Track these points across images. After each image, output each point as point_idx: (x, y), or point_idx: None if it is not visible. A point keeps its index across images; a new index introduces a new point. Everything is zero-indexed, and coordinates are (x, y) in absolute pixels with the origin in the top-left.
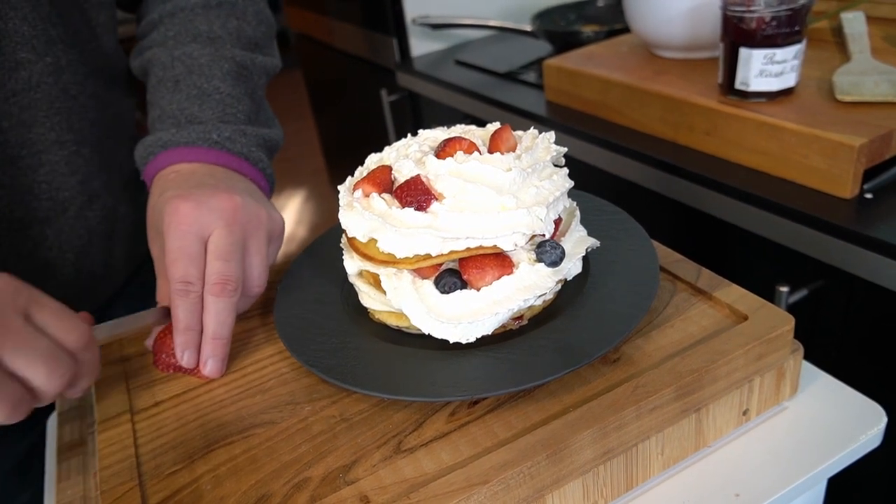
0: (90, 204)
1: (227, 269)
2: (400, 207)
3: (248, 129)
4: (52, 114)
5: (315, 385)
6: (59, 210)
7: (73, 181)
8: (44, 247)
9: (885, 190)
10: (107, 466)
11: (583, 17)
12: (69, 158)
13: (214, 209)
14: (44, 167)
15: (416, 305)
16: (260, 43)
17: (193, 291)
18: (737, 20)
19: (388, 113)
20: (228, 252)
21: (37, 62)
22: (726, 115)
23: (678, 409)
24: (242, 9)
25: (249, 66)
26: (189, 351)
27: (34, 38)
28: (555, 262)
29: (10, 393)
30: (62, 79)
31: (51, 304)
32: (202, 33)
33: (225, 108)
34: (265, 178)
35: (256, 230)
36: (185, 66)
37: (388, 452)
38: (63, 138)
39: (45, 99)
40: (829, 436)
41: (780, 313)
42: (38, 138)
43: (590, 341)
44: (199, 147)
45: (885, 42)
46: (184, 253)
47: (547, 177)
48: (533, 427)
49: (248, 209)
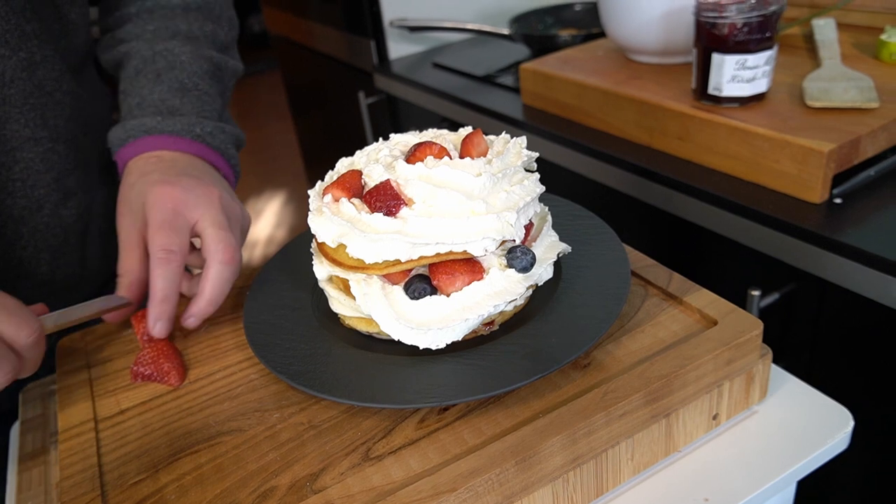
0: (65, 201)
1: (230, 238)
2: (369, 212)
3: (225, 126)
4: (27, 110)
5: (284, 392)
6: (35, 208)
7: (48, 178)
8: (18, 245)
9: (854, 195)
10: (68, 476)
11: (560, 21)
12: (44, 155)
13: (201, 196)
14: (18, 164)
15: (385, 311)
16: (229, 47)
17: (175, 260)
18: (709, 26)
19: (365, 115)
20: (225, 224)
21: (10, 57)
22: (699, 120)
23: (648, 414)
24: (218, 14)
25: (223, 67)
26: (162, 322)
27: (7, 32)
28: (525, 268)
29: None
30: (36, 74)
31: (3, 301)
32: (182, 32)
33: (203, 104)
34: (234, 174)
35: (234, 223)
36: (166, 61)
37: (357, 460)
38: (38, 135)
39: (20, 95)
40: (798, 439)
41: (748, 318)
42: (13, 135)
43: (560, 347)
44: (182, 137)
45: (855, 49)
46: (168, 224)
47: (518, 182)
48: (503, 433)
49: (226, 201)
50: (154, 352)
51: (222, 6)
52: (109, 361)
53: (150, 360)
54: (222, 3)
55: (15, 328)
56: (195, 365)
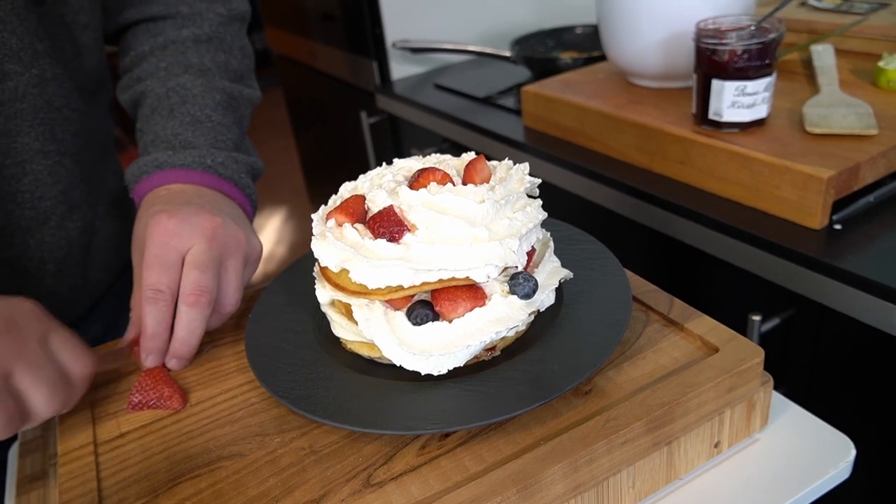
0: (70, 214)
1: (203, 279)
2: (372, 238)
3: (238, 156)
4: (37, 124)
5: (285, 416)
6: (41, 219)
7: (54, 191)
8: (25, 256)
9: (854, 221)
10: (68, 501)
11: (561, 44)
12: (52, 168)
13: (196, 226)
14: (27, 176)
15: (387, 337)
16: (244, 76)
17: (163, 300)
18: (709, 52)
19: (367, 135)
20: (205, 264)
21: (23, 73)
22: (700, 145)
23: (649, 442)
24: (230, 44)
25: (237, 96)
26: (153, 356)
27: (21, 50)
28: (528, 295)
29: (7, 408)
30: (47, 90)
31: (66, 333)
32: (193, 65)
33: (216, 135)
34: (250, 202)
35: (235, 251)
36: (179, 96)
37: (358, 486)
38: (46, 148)
39: (30, 109)
40: (800, 468)
41: (750, 346)
42: (23, 147)
43: (561, 373)
44: (193, 170)
45: (853, 75)
46: (159, 261)
47: (520, 208)
48: (504, 461)
49: (228, 230)
50: (152, 378)
51: (234, 35)
52: (111, 383)
53: (150, 387)
54: (233, 33)
55: (76, 359)
56: (196, 388)
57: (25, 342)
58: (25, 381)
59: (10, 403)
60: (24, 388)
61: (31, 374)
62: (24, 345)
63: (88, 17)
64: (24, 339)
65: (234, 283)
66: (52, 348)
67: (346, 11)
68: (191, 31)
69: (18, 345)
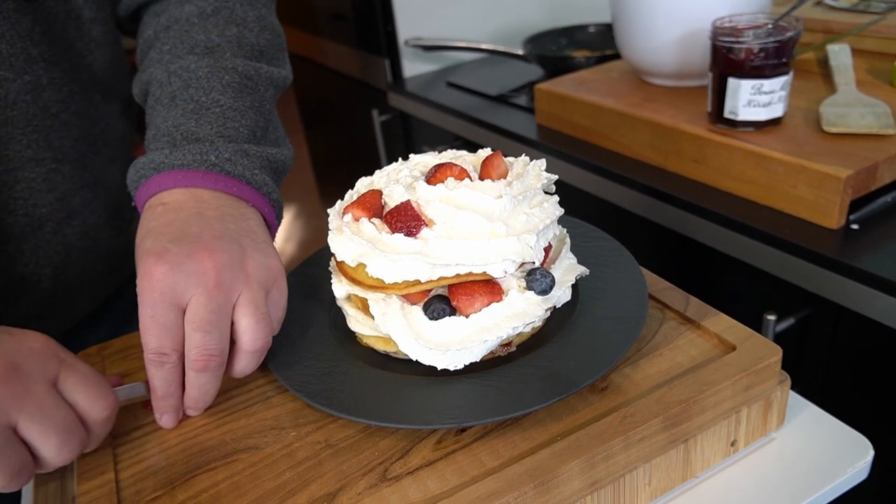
0: (69, 220)
1: (208, 341)
2: (390, 233)
3: (251, 148)
4: (30, 131)
5: (301, 410)
6: (36, 226)
7: (50, 198)
8: (20, 262)
9: (871, 221)
10: (86, 492)
11: (574, 43)
12: (47, 175)
13: (192, 273)
14: (20, 184)
15: (404, 331)
16: (265, 52)
17: (168, 362)
18: (726, 51)
19: (379, 133)
20: (209, 322)
21: (14, 80)
22: (715, 144)
23: (666, 439)
24: (242, 15)
25: (254, 76)
26: (168, 415)
27: (12, 56)
28: (545, 291)
29: (14, 460)
30: (42, 97)
31: (82, 370)
32: (199, 44)
33: (225, 121)
34: (270, 204)
35: (245, 289)
36: (181, 81)
37: (374, 480)
38: (40, 156)
39: (22, 116)
40: (817, 468)
41: (767, 344)
42: (15, 155)
43: (578, 370)
44: (194, 170)
45: (870, 74)
46: (156, 323)
47: (538, 204)
48: (520, 456)
49: (231, 267)
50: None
51: (245, 5)
52: (127, 376)
53: None
54: (245, 2)
55: (91, 401)
56: None
57: (31, 388)
58: (34, 430)
59: (19, 453)
60: (33, 437)
61: (38, 423)
62: (28, 391)
63: (94, 11)
64: (29, 385)
65: (252, 324)
66: (65, 389)
67: (358, 9)
68: (194, 5)
69: (22, 391)
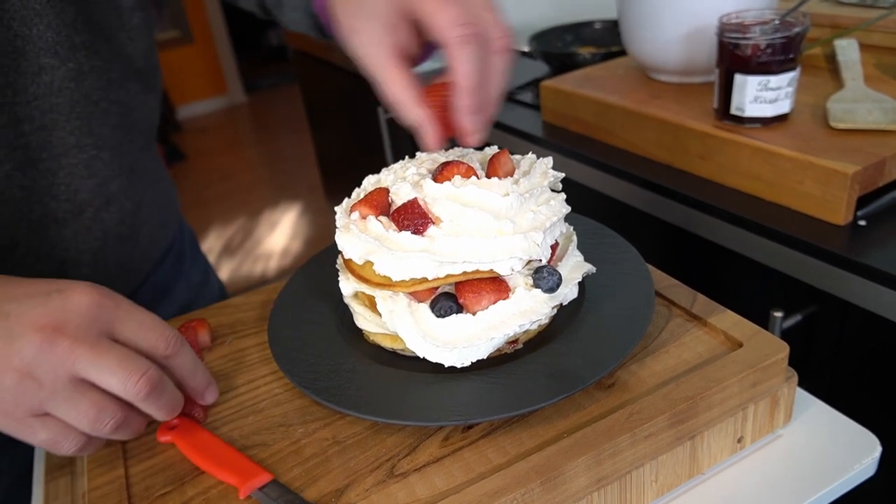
0: (107, 206)
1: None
2: (397, 230)
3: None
4: (73, 118)
5: (308, 407)
6: (77, 211)
7: (90, 184)
8: (61, 247)
9: (879, 217)
10: (96, 487)
11: (580, 39)
12: (88, 162)
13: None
14: (63, 170)
15: (411, 329)
16: None
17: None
18: (732, 47)
19: (384, 130)
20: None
21: (59, 67)
22: (721, 140)
23: (673, 436)
24: None
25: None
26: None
27: (58, 44)
28: (552, 289)
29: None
30: (84, 84)
31: (137, 318)
32: None
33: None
34: None
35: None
36: None
37: (381, 477)
38: (82, 142)
39: (66, 104)
40: (824, 465)
41: (774, 341)
42: (58, 142)
43: (584, 366)
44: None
45: (878, 70)
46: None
47: (544, 202)
48: (527, 453)
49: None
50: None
51: None
52: None
53: None
54: None
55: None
56: (220, 379)
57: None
58: (92, 373)
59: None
60: (100, 380)
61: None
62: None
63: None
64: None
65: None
66: (122, 339)
67: None
68: None
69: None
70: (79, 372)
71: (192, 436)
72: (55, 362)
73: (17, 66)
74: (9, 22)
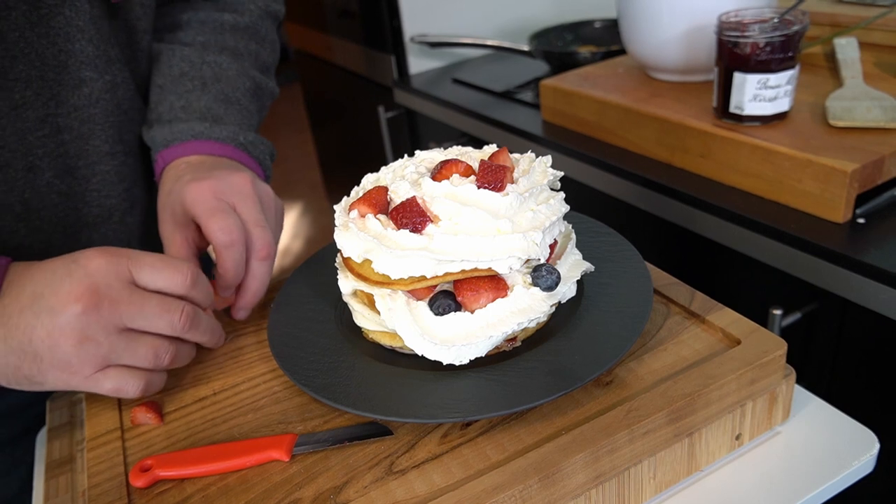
0: (132, 210)
1: (267, 235)
2: (395, 229)
3: (263, 138)
4: (107, 127)
5: (307, 404)
6: (105, 216)
7: (119, 189)
8: None
9: (878, 215)
10: (96, 485)
11: (580, 38)
12: (118, 168)
13: (234, 185)
14: (96, 176)
15: (410, 327)
16: (270, 69)
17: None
18: (731, 45)
19: (385, 129)
20: (262, 219)
21: (98, 80)
22: (721, 139)
23: (671, 433)
24: (263, 36)
25: (263, 87)
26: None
27: (97, 57)
28: (550, 287)
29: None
30: (117, 95)
31: (149, 261)
32: (230, 48)
33: (243, 118)
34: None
35: (268, 206)
36: (213, 72)
37: (380, 474)
38: (114, 149)
39: (102, 113)
40: (822, 462)
41: (772, 338)
42: (94, 150)
43: (582, 364)
44: (227, 144)
45: (877, 68)
46: (217, 210)
47: (543, 201)
48: (525, 450)
49: (259, 186)
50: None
51: (268, 29)
52: None
53: None
54: (268, 26)
55: (169, 279)
56: (219, 377)
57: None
58: (140, 321)
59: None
60: (148, 326)
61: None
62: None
63: (147, 23)
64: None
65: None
66: (143, 283)
67: (365, 6)
68: (231, 16)
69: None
70: (127, 324)
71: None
72: (105, 322)
73: (61, 79)
74: (55, 38)
